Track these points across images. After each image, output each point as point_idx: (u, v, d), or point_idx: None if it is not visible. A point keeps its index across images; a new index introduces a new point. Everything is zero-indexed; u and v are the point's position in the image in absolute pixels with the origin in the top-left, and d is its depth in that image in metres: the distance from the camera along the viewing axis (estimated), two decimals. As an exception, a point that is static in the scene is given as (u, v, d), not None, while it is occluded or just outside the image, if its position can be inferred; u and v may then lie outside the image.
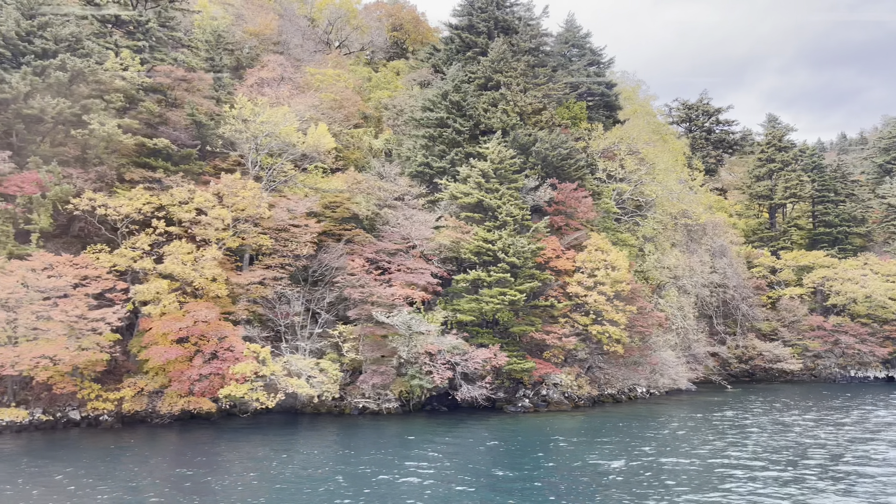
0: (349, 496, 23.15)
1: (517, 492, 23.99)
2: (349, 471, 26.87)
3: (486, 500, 23.00)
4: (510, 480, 25.75)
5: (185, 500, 22.65)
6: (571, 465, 28.15)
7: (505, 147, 47.09)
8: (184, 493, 23.51)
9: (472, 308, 41.55)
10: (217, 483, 25.00)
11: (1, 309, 31.67)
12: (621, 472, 26.94)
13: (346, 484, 24.86)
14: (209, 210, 37.95)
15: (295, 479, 25.75)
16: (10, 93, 36.02)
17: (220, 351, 36.02)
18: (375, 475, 26.10)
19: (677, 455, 30.39)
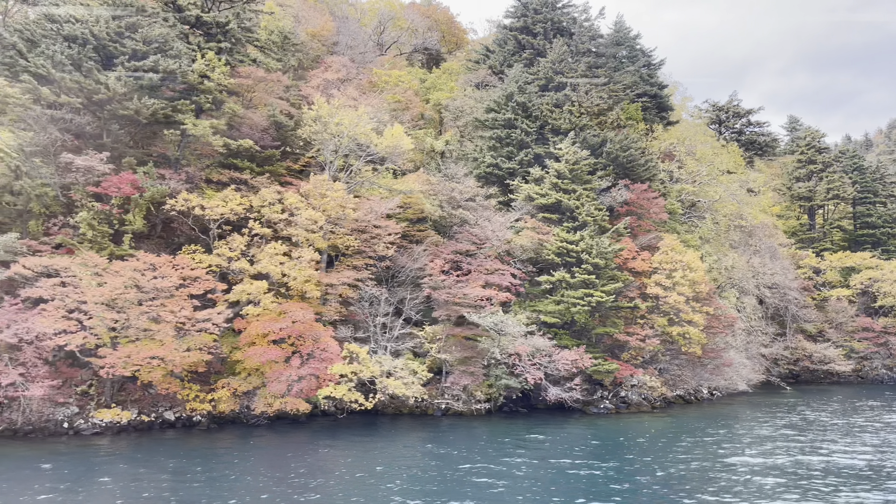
0: (458, 496, 23.18)
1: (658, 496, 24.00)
2: (451, 470, 26.89)
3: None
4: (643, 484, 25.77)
5: (303, 500, 22.72)
6: (695, 466, 28.14)
7: (578, 148, 47.08)
8: (301, 491, 23.54)
9: (555, 309, 41.53)
10: (328, 482, 25.09)
11: (111, 309, 31.69)
12: (765, 471, 26.94)
13: (452, 483, 24.88)
14: (299, 211, 37.96)
15: (404, 478, 25.71)
16: (106, 94, 36.06)
17: (316, 351, 36.02)
18: (480, 475, 26.13)
19: (793, 454, 30.40)
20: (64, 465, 27.59)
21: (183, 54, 39.51)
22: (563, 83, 55.49)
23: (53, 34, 36.42)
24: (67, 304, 31.21)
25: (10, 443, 31.09)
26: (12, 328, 29.77)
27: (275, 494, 23.49)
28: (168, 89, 39.26)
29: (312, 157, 46.26)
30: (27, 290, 31.47)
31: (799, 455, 30.68)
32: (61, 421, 33.83)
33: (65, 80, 35.36)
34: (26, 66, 35.31)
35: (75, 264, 32.83)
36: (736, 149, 68.28)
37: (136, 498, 23.03)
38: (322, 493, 23.78)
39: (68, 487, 24.17)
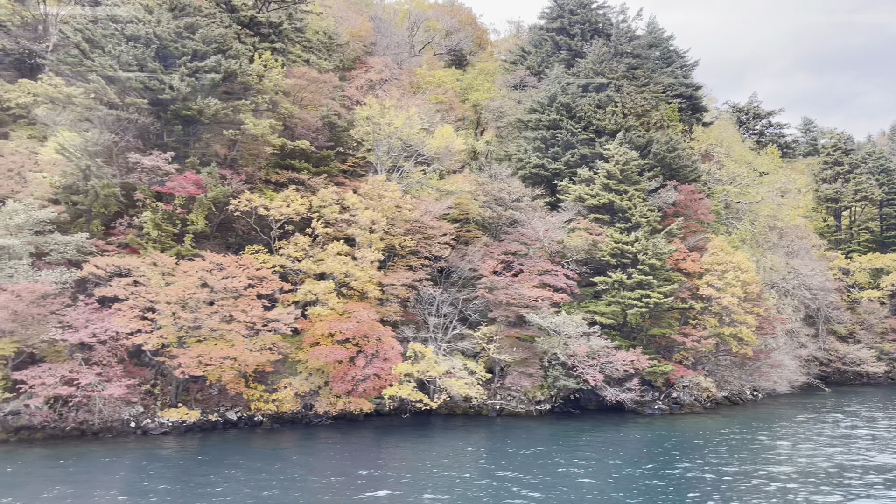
0: (528, 496, 23.22)
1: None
2: (520, 470, 26.91)
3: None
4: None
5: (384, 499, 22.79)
6: (772, 469, 28.18)
7: (627, 148, 47.10)
8: (375, 490, 23.57)
9: (610, 310, 41.55)
10: (408, 481, 25.10)
11: (184, 309, 31.73)
12: (852, 470, 26.96)
13: (520, 483, 24.91)
14: (360, 212, 37.99)
15: (476, 478, 25.75)
16: (170, 94, 36.11)
17: (380, 351, 36.05)
18: (545, 475, 26.19)
19: (868, 454, 30.45)
20: (144, 463, 27.69)
21: (241, 54, 39.55)
22: (603, 84, 55.49)
23: (118, 34, 36.48)
24: (141, 303, 31.25)
25: (82, 442, 31.17)
26: (89, 328, 29.81)
27: (346, 494, 23.52)
28: (224, 89, 39.33)
29: (360, 158, 46.33)
30: (102, 290, 31.52)
31: (877, 454, 30.70)
32: (128, 420, 33.89)
33: (131, 81, 35.43)
34: (92, 65, 35.36)
35: (144, 264, 32.88)
36: (774, 150, 68.28)
37: (232, 496, 23.10)
38: (399, 491, 23.81)
39: (149, 487, 24.25)
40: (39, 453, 28.93)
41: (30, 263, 30.82)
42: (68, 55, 36.33)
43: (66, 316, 30.36)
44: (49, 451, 29.54)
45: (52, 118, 36.23)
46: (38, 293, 29.32)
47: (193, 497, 23.15)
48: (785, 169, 63.97)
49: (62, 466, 26.98)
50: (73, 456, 28.71)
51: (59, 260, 32.29)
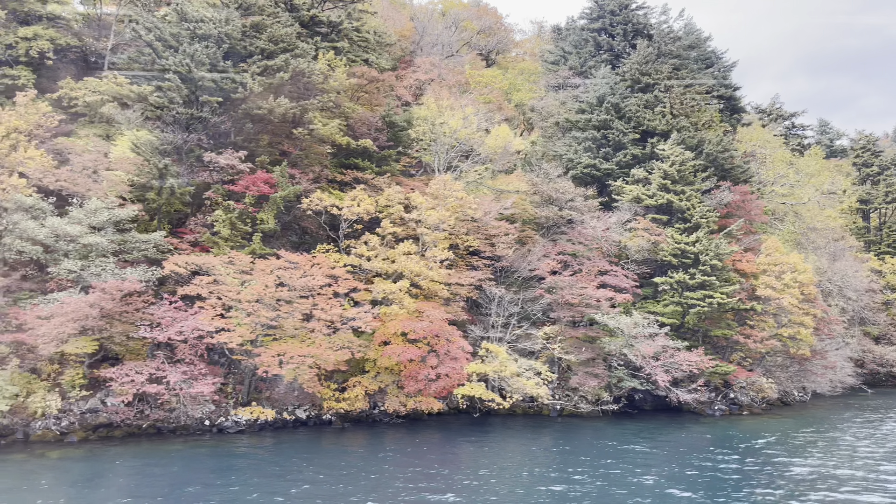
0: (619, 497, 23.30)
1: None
2: (603, 470, 26.95)
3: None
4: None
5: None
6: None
7: (682, 149, 47.11)
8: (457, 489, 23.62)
9: (671, 311, 41.57)
10: (481, 480, 25.13)
11: (266, 307, 31.77)
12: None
13: (609, 483, 24.95)
14: (428, 211, 38.02)
15: (552, 478, 25.84)
16: (242, 93, 36.17)
17: (451, 350, 36.09)
18: (636, 475, 26.22)
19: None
20: (230, 461, 27.78)
21: (307, 53, 39.60)
22: (650, 84, 55.47)
23: (189, 34, 36.54)
24: (224, 301, 31.31)
25: (161, 440, 31.23)
26: (176, 325, 29.86)
27: (426, 492, 23.60)
28: (290, 88, 39.37)
29: (413, 157, 46.39)
30: (185, 289, 31.57)
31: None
32: (202, 419, 33.95)
33: (204, 80, 35.48)
34: (166, 64, 35.41)
35: (221, 263, 32.94)
36: (818, 151, 68.30)
37: (319, 495, 23.17)
38: (478, 493, 23.87)
39: (243, 480, 24.32)
40: (125, 451, 28.97)
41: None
42: (141, 54, 36.39)
43: (153, 314, 30.40)
44: (133, 448, 29.61)
45: (125, 116, 36.27)
46: (125, 291, 29.36)
47: (286, 494, 23.19)
48: (830, 171, 63.92)
49: (159, 465, 27.07)
50: (160, 454, 28.81)
51: (138, 258, 32.36)
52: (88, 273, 29.59)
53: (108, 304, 28.64)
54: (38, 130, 34.93)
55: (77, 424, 31.93)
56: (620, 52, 62.82)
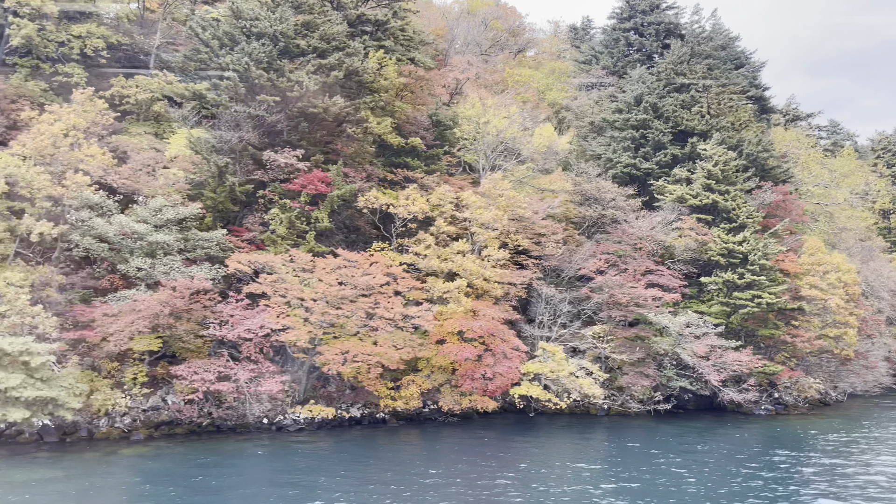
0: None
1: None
2: (673, 469, 27.03)
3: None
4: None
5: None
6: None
7: (724, 149, 47.18)
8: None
9: (719, 310, 41.64)
10: (553, 480, 25.20)
11: (329, 306, 31.79)
12: None
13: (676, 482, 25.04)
14: (477, 211, 38.05)
15: (612, 478, 25.91)
16: (298, 91, 36.15)
17: (506, 350, 36.13)
18: (693, 474, 26.30)
19: None
20: (296, 459, 27.85)
21: (358, 52, 39.59)
22: (685, 84, 55.52)
23: (245, 32, 36.52)
24: (289, 299, 31.33)
25: (223, 438, 31.26)
26: (244, 324, 29.87)
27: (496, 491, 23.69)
28: (342, 87, 39.36)
29: (454, 156, 46.40)
30: (250, 287, 31.58)
31: None
32: (260, 417, 33.95)
33: (261, 78, 35.47)
34: (223, 63, 35.40)
35: (282, 261, 32.94)
36: (850, 152, 68.40)
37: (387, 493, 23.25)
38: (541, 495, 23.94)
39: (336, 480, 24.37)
40: (194, 449, 29.00)
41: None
42: (198, 52, 36.35)
43: (221, 312, 30.41)
44: (200, 446, 29.65)
45: (180, 114, 36.26)
46: (194, 289, 29.37)
47: (359, 493, 23.32)
48: (865, 171, 64.06)
49: (231, 463, 27.13)
50: (229, 452, 28.88)
51: (201, 256, 32.36)
52: (158, 271, 29.58)
53: (179, 303, 28.63)
54: (94, 128, 34.89)
55: (139, 422, 31.96)
56: (652, 51, 62.90)
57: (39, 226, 29.58)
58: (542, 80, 62.17)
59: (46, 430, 29.82)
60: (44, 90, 37.37)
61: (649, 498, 23.02)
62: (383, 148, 40.91)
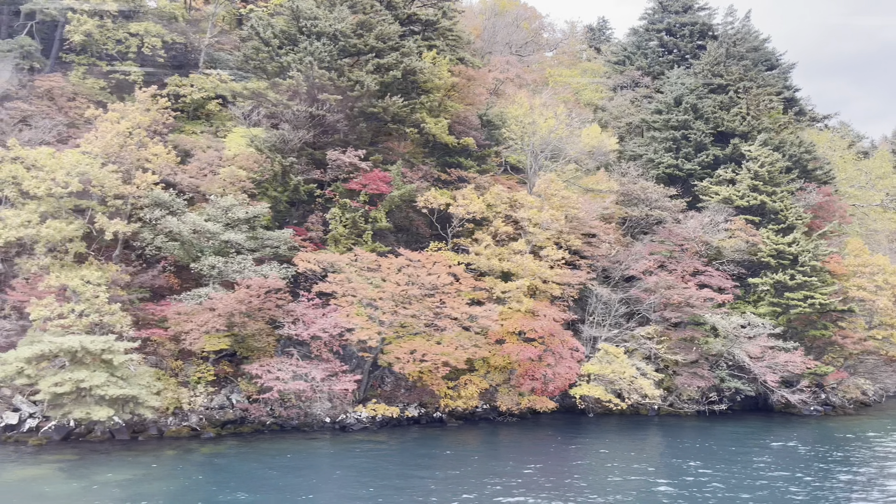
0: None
1: None
2: (750, 469, 27.15)
3: None
4: None
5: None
6: None
7: (769, 150, 47.28)
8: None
9: (769, 311, 41.74)
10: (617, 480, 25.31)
11: (398, 305, 31.83)
12: None
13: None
14: (531, 211, 38.08)
15: (679, 479, 26.02)
16: (359, 91, 36.20)
17: (565, 350, 36.21)
18: (768, 478, 26.42)
19: None
20: (366, 459, 28.06)
21: (413, 52, 39.61)
22: (722, 85, 55.61)
23: (305, 31, 36.53)
24: (359, 298, 31.36)
25: (288, 436, 31.35)
26: (318, 323, 29.91)
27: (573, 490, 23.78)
28: (396, 87, 39.36)
29: (498, 156, 46.43)
30: (320, 286, 31.61)
31: None
32: (322, 416, 33.97)
33: (323, 77, 35.49)
34: (287, 62, 35.40)
35: (348, 260, 32.98)
36: (885, 153, 68.58)
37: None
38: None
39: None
40: (266, 448, 29.07)
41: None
42: (259, 51, 36.35)
43: (294, 311, 30.45)
44: (269, 445, 29.74)
45: (242, 112, 36.29)
46: (267, 288, 29.41)
47: (422, 491, 23.52)
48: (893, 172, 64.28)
49: (306, 462, 27.21)
50: (302, 451, 28.96)
51: (268, 255, 32.40)
52: (232, 270, 29.61)
53: (256, 301, 28.67)
54: (156, 126, 34.92)
55: (205, 420, 31.99)
56: (686, 52, 63.01)
57: (113, 224, 29.62)
58: (578, 80, 62.24)
59: (117, 429, 29.88)
60: (102, 88, 37.39)
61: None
62: (435, 147, 40.94)
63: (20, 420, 29.79)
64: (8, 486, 22.67)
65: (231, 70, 41.29)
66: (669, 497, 23.49)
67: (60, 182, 28.70)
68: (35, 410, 30.40)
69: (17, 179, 29.72)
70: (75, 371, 25.62)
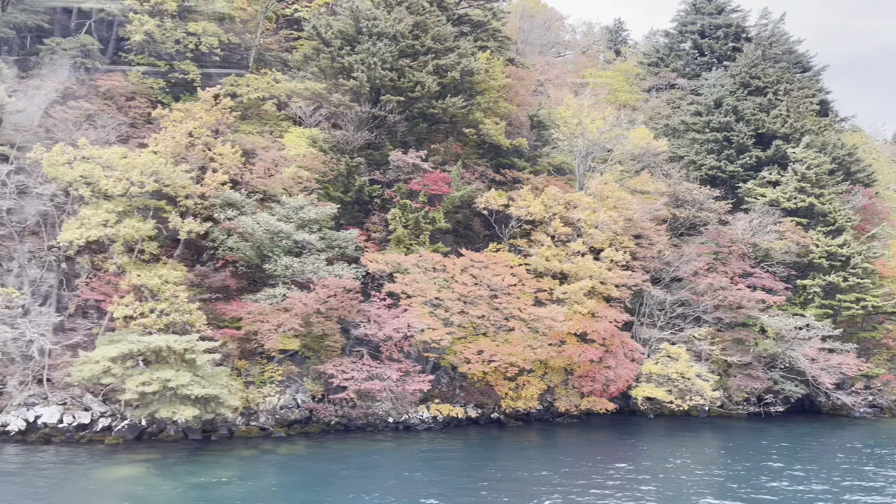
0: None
1: None
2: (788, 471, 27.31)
3: None
4: None
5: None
6: None
7: (814, 152, 47.41)
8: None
9: (820, 313, 41.85)
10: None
11: (467, 305, 31.88)
12: None
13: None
14: (587, 213, 38.13)
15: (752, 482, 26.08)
16: (420, 92, 36.22)
17: (625, 351, 36.29)
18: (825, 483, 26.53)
19: None
20: (437, 458, 28.19)
21: (468, 52, 39.64)
22: (760, 87, 55.74)
23: (367, 32, 36.56)
24: (428, 299, 31.41)
25: (355, 436, 31.51)
26: (391, 323, 29.94)
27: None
28: (452, 88, 39.38)
29: (545, 157, 46.48)
30: (389, 286, 31.65)
31: None
32: (384, 416, 34.01)
33: (385, 78, 35.51)
34: (349, 63, 35.40)
35: (416, 261, 33.02)
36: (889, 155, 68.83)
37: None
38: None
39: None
40: (340, 448, 29.07)
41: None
42: (319, 51, 36.36)
43: (367, 311, 30.49)
44: (344, 445, 29.79)
45: (304, 112, 36.31)
46: (344, 288, 29.43)
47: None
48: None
49: (382, 461, 27.24)
50: (377, 450, 29.05)
51: (336, 255, 32.41)
52: (307, 270, 29.63)
53: (333, 301, 28.69)
54: (218, 126, 34.88)
55: (272, 420, 32.01)
56: (721, 54, 63.14)
57: (187, 224, 29.62)
58: (611, 81, 62.36)
59: (189, 428, 29.89)
60: (161, 88, 37.37)
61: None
62: (488, 148, 40.98)
63: (92, 419, 29.86)
64: (107, 487, 22.71)
65: (281, 70, 41.30)
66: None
67: (136, 182, 28.69)
68: (105, 410, 30.50)
69: (87, 179, 29.70)
70: (160, 370, 25.63)
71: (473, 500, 22.59)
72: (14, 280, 32.23)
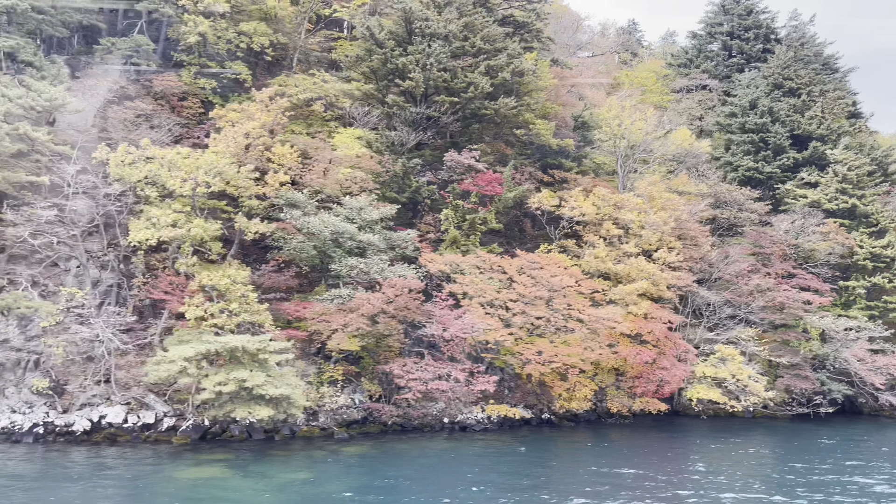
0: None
1: None
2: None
3: None
4: None
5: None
6: None
7: (853, 153, 47.49)
8: None
9: (864, 314, 41.90)
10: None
11: (531, 307, 31.93)
12: None
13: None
14: (636, 214, 38.19)
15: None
16: (472, 92, 36.28)
17: (677, 352, 36.33)
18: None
19: None
20: (494, 460, 28.28)
21: (518, 53, 39.71)
22: (793, 89, 55.82)
23: (419, 32, 36.61)
24: (490, 299, 31.46)
25: (413, 436, 31.45)
26: (455, 324, 29.97)
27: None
28: (502, 88, 39.43)
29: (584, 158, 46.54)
30: (449, 286, 31.71)
31: None
32: (439, 416, 34.02)
33: (438, 79, 35.57)
34: (403, 63, 35.44)
35: (475, 261, 33.06)
36: None
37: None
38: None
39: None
40: (404, 448, 29.11)
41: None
42: (371, 52, 36.40)
43: (431, 312, 30.53)
44: (408, 445, 29.82)
45: (359, 113, 36.36)
46: (410, 288, 29.48)
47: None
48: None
49: (461, 462, 27.26)
50: (440, 450, 29.08)
51: (396, 256, 32.46)
52: (373, 270, 29.67)
53: (400, 301, 28.74)
54: (273, 127, 34.93)
55: (332, 420, 32.02)
56: (751, 56, 63.23)
57: (252, 224, 29.67)
58: (643, 81, 62.45)
59: (253, 428, 29.94)
60: (212, 88, 37.41)
61: None
62: (536, 149, 41.04)
63: (157, 419, 29.90)
64: (190, 488, 22.71)
65: (327, 70, 41.36)
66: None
67: (202, 182, 28.74)
68: (168, 410, 30.56)
69: (150, 179, 29.78)
70: (235, 370, 25.67)
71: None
72: (73, 280, 32.34)
